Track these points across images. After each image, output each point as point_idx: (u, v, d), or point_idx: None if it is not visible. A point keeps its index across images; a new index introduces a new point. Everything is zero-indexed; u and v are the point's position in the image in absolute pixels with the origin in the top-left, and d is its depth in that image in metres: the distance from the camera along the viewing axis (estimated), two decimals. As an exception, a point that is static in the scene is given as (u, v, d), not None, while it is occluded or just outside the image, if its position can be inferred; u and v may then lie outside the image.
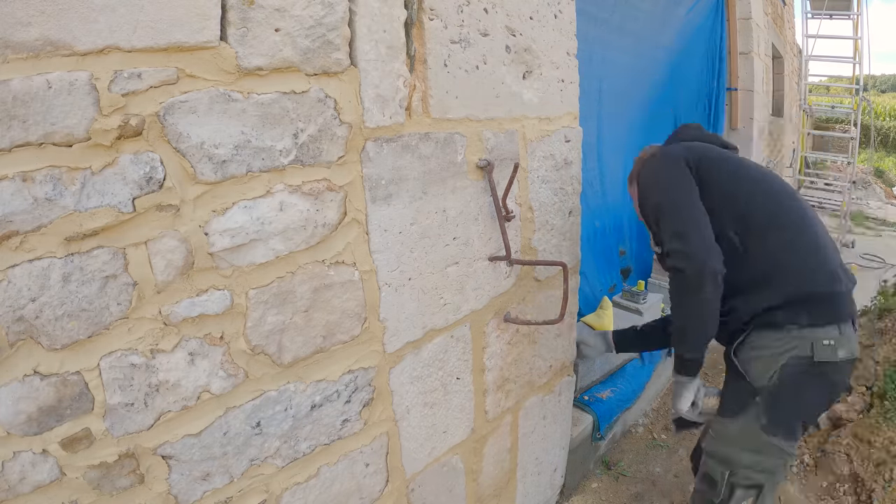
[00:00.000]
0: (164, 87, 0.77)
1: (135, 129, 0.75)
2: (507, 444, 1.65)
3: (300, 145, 0.94)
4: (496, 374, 1.52)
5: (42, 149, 0.69)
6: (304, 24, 0.90)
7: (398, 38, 1.05)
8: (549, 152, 1.50)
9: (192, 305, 0.86)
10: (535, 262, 1.45)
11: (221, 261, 0.88)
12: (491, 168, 1.30)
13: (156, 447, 0.87)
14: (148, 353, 0.83)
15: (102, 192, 0.74)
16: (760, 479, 1.31)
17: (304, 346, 1.03)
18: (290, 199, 0.95)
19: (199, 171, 0.83)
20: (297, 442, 1.07)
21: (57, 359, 0.75)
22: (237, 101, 0.85)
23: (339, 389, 1.11)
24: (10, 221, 0.68)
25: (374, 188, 1.07)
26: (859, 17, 6.32)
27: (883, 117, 16.39)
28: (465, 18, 1.17)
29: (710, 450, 1.38)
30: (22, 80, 0.66)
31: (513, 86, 1.34)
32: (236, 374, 0.94)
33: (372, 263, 1.10)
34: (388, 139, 1.08)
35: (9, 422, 0.72)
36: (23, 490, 0.75)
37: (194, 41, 0.78)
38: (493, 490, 1.65)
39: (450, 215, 1.25)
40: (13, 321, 0.70)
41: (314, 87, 0.94)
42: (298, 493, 1.09)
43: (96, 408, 0.79)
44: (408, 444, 1.31)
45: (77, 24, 0.68)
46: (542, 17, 1.37)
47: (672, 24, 3.51)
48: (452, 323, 1.34)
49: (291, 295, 0.98)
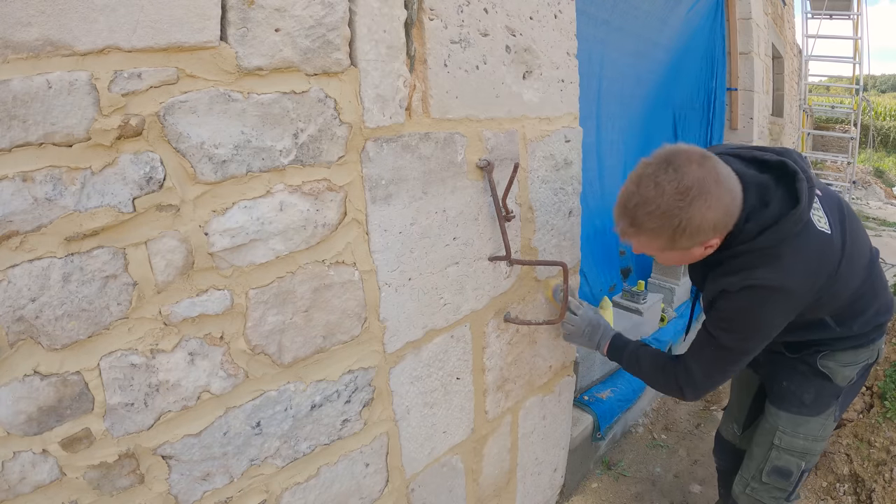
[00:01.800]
0: (164, 87, 0.77)
1: (135, 129, 0.75)
2: (507, 444, 1.65)
3: (300, 145, 0.94)
4: (496, 374, 1.52)
5: (42, 149, 0.69)
6: (304, 24, 0.90)
7: (398, 38, 1.05)
8: (549, 152, 1.50)
9: (192, 305, 0.86)
10: (535, 262, 1.45)
11: (221, 261, 0.88)
12: (491, 168, 1.30)
13: (156, 447, 0.87)
14: (148, 353, 0.83)
15: (102, 192, 0.74)
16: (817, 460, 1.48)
17: (304, 346, 1.03)
18: (290, 199, 0.95)
19: (199, 171, 0.83)
20: (297, 442, 1.07)
21: (57, 359, 0.75)
22: (237, 101, 0.85)
23: (339, 389, 1.11)
24: (10, 221, 0.68)
25: (374, 188, 1.07)
26: (859, 17, 6.33)
27: (883, 117, 16.39)
28: (465, 18, 1.17)
29: (786, 446, 1.42)
30: (22, 80, 0.66)
31: (513, 86, 1.34)
32: (236, 374, 0.94)
33: (372, 263, 1.10)
34: (388, 139, 1.08)
35: (9, 422, 0.72)
36: (23, 490, 0.75)
37: (194, 41, 0.78)
38: (493, 490, 1.65)
39: (450, 215, 1.25)
40: (13, 321, 0.70)
41: (314, 87, 0.94)
42: (298, 493, 1.09)
43: (96, 408, 0.79)
44: (408, 444, 1.31)
45: (77, 24, 0.68)
46: (542, 17, 1.37)
47: (672, 24, 3.51)
48: (452, 323, 1.34)
49: (291, 295, 0.98)
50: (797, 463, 1.41)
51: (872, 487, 2.02)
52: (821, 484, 2.19)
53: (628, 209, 1.10)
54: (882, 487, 1.99)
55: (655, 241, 1.10)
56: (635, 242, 1.16)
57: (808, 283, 1.12)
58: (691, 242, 1.08)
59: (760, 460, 1.47)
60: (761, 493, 1.48)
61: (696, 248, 1.12)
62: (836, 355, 1.34)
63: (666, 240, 1.08)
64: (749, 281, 1.11)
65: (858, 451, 2.14)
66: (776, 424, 1.42)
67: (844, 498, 2.09)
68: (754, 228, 1.11)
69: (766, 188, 1.14)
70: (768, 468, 1.45)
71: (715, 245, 1.13)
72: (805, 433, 1.39)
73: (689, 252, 1.13)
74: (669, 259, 1.19)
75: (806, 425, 1.38)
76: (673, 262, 1.20)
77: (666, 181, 1.03)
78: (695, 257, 1.17)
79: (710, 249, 1.14)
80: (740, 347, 1.20)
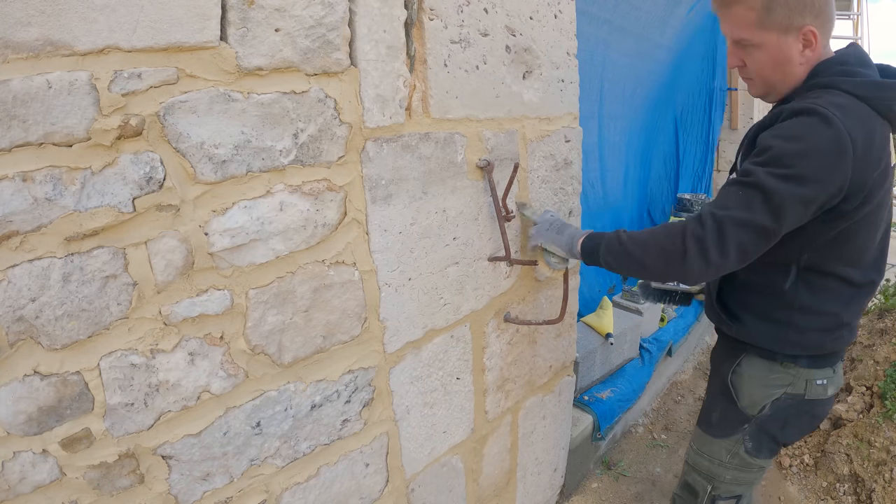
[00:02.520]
0: (164, 87, 0.77)
1: (135, 129, 0.75)
2: (507, 444, 1.65)
3: (300, 145, 0.94)
4: (496, 374, 1.52)
5: (42, 149, 0.69)
6: (304, 24, 0.90)
7: (398, 38, 1.05)
8: (549, 152, 1.50)
9: (192, 305, 0.86)
10: (535, 263, 1.45)
11: (221, 261, 0.88)
12: (491, 168, 1.30)
13: (156, 447, 0.87)
14: (148, 353, 0.83)
15: (102, 192, 0.74)
16: (740, 491, 1.34)
17: (304, 346, 1.03)
18: (290, 199, 0.95)
19: (199, 171, 0.83)
20: (297, 442, 1.07)
21: (57, 359, 0.75)
22: (237, 101, 0.85)
23: (339, 389, 1.11)
24: (10, 221, 0.68)
25: (374, 188, 1.07)
26: (859, 17, 6.33)
27: (883, 117, 16.37)
28: (465, 18, 1.17)
29: (692, 463, 1.39)
30: (22, 80, 0.66)
31: (513, 86, 1.34)
32: (236, 374, 0.94)
33: (372, 263, 1.10)
34: (388, 139, 1.08)
35: (9, 422, 0.72)
36: (23, 490, 0.75)
37: (194, 41, 0.78)
38: (493, 490, 1.65)
39: (450, 215, 1.25)
40: (13, 321, 0.70)
41: (314, 87, 0.94)
42: (298, 493, 1.09)
43: (96, 408, 0.79)
44: (408, 444, 1.31)
45: (77, 23, 0.68)
46: (542, 17, 1.37)
47: (673, 25, 3.52)
48: (452, 323, 1.34)
49: (291, 295, 0.98)
50: (703, 485, 1.34)
51: (872, 487, 2.02)
52: (821, 484, 2.19)
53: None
54: (882, 487, 1.99)
55: (751, 8, 1.01)
56: (730, 21, 1.06)
57: (864, 157, 0.96)
58: (789, 17, 1.00)
59: (681, 472, 1.46)
60: None
61: (794, 41, 1.02)
62: (752, 361, 1.22)
63: (762, 4, 1.00)
64: (808, 104, 0.97)
65: (858, 451, 2.14)
66: (691, 438, 1.41)
67: (844, 498, 2.09)
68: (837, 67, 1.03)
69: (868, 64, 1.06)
70: (681, 481, 1.44)
71: (812, 44, 1.02)
72: (709, 454, 1.32)
73: (786, 42, 1.02)
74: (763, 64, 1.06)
75: (710, 446, 1.32)
76: (766, 70, 1.07)
77: None
78: (790, 60, 1.04)
79: (810, 53, 1.03)
80: (773, 186, 0.94)
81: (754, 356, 1.21)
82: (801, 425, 1.26)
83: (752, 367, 1.22)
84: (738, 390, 1.25)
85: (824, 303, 1.12)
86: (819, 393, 1.19)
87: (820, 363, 1.18)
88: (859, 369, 2.52)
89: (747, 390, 1.23)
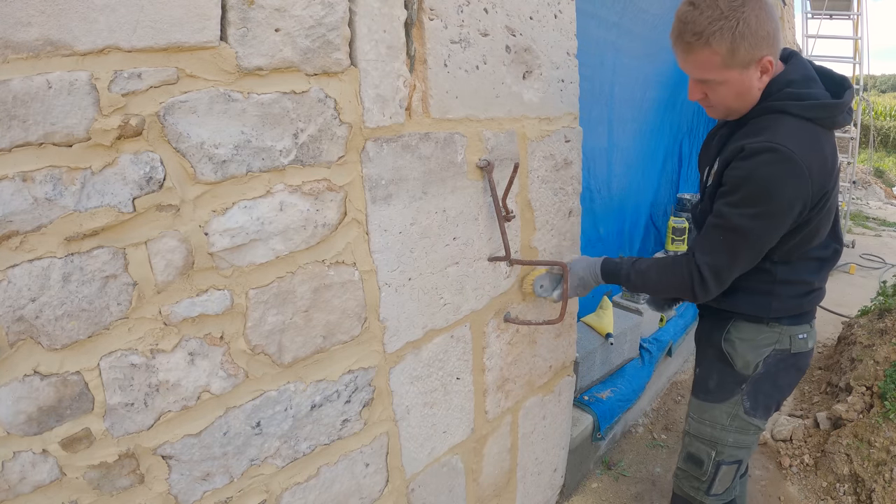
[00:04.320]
0: (164, 87, 0.77)
1: (135, 129, 0.75)
2: (507, 444, 1.65)
3: (300, 145, 0.94)
4: (496, 375, 1.52)
5: (42, 149, 0.69)
6: (304, 24, 0.90)
7: (398, 38, 1.05)
8: (549, 152, 1.50)
9: (192, 305, 0.86)
10: (535, 263, 1.45)
11: (221, 261, 0.88)
12: (491, 168, 1.30)
13: (156, 447, 0.87)
14: (148, 353, 0.83)
15: (102, 192, 0.74)
16: (741, 455, 1.43)
17: (304, 346, 1.03)
18: (290, 199, 0.95)
19: (199, 171, 0.83)
20: (297, 442, 1.07)
21: (57, 359, 0.75)
22: (237, 101, 0.85)
23: (339, 389, 1.11)
24: (10, 221, 0.68)
25: (374, 188, 1.07)
26: (859, 17, 6.32)
27: (883, 117, 16.38)
28: (465, 18, 1.17)
29: (694, 432, 1.46)
30: (22, 80, 0.66)
31: (513, 86, 1.34)
32: (236, 374, 0.94)
33: (372, 263, 1.10)
34: (389, 139, 1.08)
35: (9, 422, 0.72)
36: (23, 490, 0.75)
37: (194, 41, 0.78)
38: (493, 490, 1.65)
39: (450, 215, 1.25)
40: (13, 321, 0.70)
41: (314, 87, 0.94)
42: (298, 493, 1.09)
43: (96, 408, 0.79)
44: (408, 444, 1.31)
45: (77, 23, 0.68)
46: (542, 17, 1.37)
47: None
48: (452, 323, 1.34)
49: (291, 295, 0.98)
50: (707, 451, 1.43)
51: (872, 487, 2.02)
52: (821, 484, 2.19)
53: (687, 22, 1.11)
54: (882, 487, 1.99)
55: (716, 53, 1.09)
56: (693, 64, 1.14)
57: (819, 177, 1.12)
58: (750, 54, 1.08)
59: (681, 446, 1.54)
60: (682, 480, 1.52)
61: (753, 71, 1.11)
62: (740, 326, 1.35)
63: (727, 49, 1.07)
64: (766, 143, 1.10)
65: (858, 451, 2.14)
66: (689, 410, 1.50)
67: (844, 498, 2.09)
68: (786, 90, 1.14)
69: (812, 79, 1.18)
70: (684, 454, 1.51)
71: (769, 69, 1.12)
72: (710, 420, 1.41)
73: (747, 75, 1.12)
74: (724, 96, 1.17)
75: (710, 412, 1.41)
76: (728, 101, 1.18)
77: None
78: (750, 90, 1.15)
79: (766, 77, 1.14)
80: (748, 226, 1.14)
81: (742, 321, 1.35)
82: (790, 378, 1.41)
83: (743, 331, 1.36)
84: (732, 354, 1.37)
85: (800, 274, 1.29)
86: (801, 346, 1.35)
87: (800, 320, 1.34)
88: (859, 369, 2.52)
89: (741, 352, 1.36)
